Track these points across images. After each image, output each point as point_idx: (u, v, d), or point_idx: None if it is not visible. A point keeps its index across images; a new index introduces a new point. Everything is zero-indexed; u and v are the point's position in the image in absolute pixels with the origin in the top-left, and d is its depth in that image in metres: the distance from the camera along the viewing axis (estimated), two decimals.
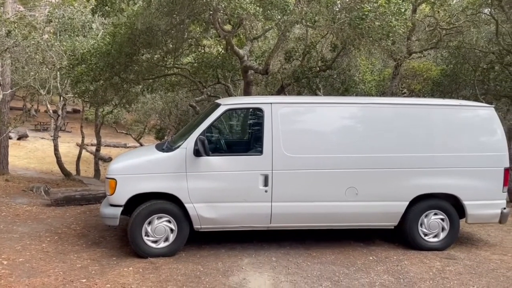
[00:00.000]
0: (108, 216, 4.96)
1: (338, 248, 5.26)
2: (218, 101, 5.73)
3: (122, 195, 4.89)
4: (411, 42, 9.73)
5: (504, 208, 5.41)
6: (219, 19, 7.76)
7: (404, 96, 11.65)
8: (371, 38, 6.57)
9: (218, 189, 4.97)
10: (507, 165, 5.46)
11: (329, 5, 6.10)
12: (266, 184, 5.01)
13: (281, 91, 9.51)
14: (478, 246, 5.57)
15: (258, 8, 6.32)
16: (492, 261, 4.87)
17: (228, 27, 8.85)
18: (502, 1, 8.28)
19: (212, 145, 5.12)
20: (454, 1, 10.41)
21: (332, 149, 5.20)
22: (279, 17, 7.05)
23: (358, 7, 5.97)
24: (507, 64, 9.72)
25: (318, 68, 9.66)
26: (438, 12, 9.09)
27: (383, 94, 11.35)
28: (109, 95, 11.51)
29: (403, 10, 6.00)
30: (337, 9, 6.43)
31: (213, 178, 4.98)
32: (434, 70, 12.14)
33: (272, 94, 10.57)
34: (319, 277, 4.36)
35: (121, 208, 4.89)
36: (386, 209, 5.24)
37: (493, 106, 5.84)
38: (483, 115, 5.63)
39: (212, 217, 4.97)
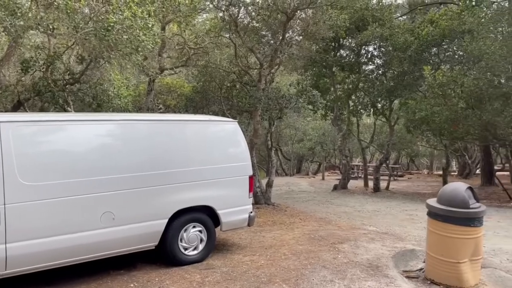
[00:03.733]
0: None
1: (95, 281, 4.69)
2: None
3: None
4: (162, 58, 9.93)
5: (251, 212, 6.01)
6: None
7: (161, 112, 11.80)
8: (121, 52, 6.30)
9: None
10: (251, 173, 6.09)
11: (69, 12, 5.47)
12: None
13: (18, 107, 8.09)
14: (232, 250, 5.98)
15: None
16: (244, 263, 5.27)
17: None
18: (238, 27, 9.40)
19: None
20: (199, 23, 11.27)
21: (83, 172, 4.61)
22: (7, 20, 5.91)
23: (102, 17, 5.58)
24: (245, 83, 11.13)
25: (65, 81, 8.69)
26: (185, 31, 9.56)
27: (140, 109, 11.18)
28: None
29: (150, 25, 5.96)
30: (80, 17, 5.85)
31: None
32: (186, 86, 12.80)
33: (6, 111, 8.88)
34: None
35: None
36: (146, 230, 5.00)
37: (237, 120, 6.45)
38: (229, 129, 6.14)
39: None
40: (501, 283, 4.59)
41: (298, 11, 9.76)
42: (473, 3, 11.24)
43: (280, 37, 9.85)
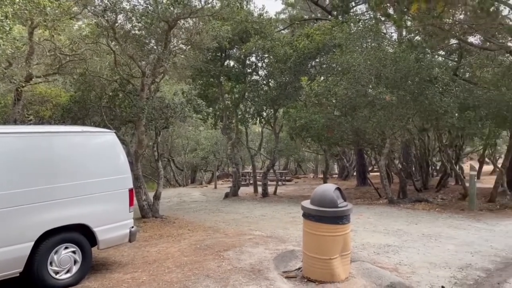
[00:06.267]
0: None
1: None
2: None
3: None
4: (31, 65, 9.03)
5: (132, 227, 5.74)
6: None
7: (31, 124, 10.71)
8: None
9: None
10: (131, 186, 5.83)
11: None
12: None
13: None
14: (112, 269, 5.64)
15: None
16: (124, 282, 4.99)
17: None
18: (116, 34, 9.00)
19: None
20: (75, 28, 10.53)
21: None
22: None
23: None
24: (128, 92, 10.68)
25: None
26: (53, 36, 8.84)
27: (5, 122, 10.00)
28: None
29: (7, 28, 5.37)
30: None
31: None
32: (63, 96, 11.82)
33: None
34: None
35: None
36: (6, 256, 4.45)
37: (114, 131, 6.12)
38: (106, 140, 5.80)
39: None
40: (368, 274, 5.04)
41: (181, 20, 9.71)
42: (341, 19, 12.38)
43: (163, 46, 9.68)
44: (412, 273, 5.27)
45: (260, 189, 16.50)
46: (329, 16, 19.75)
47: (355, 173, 23.37)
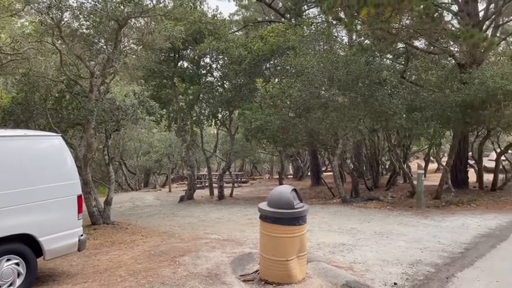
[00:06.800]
0: None
1: None
2: None
3: None
4: None
5: (81, 235, 5.46)
6: None
7: None
8: None
9: None
10: (80, 192, 5.54)
11: None
12: None
13: None
14: (60, 280, 5.33)
15: None
16: None
17: None
18: (63, 33, 8.57)
19: None
20: (17, 26, 9.94)
21: None
22: None
23: None
24: (76, 93, 10.21)
25: None
26: None
27: None
28: None
29: None
30: None
31: None
32: (5, 97, 11.11)
33: None
34: None
35: None
36: None
37: (61, 135, 5.80)
38: (52, 144, 5.49)
39: None
40: (324, 274, 5.09)
41: (132, 20, 9.42)
42: (295, 22, 12.54)
43: (113, 46, 9.33)
44: (366, 270, 5.39)
45: (216, 192, 16.36)
46: (282, 19, 19.99)
47: (309, 173, 23.79)
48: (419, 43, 13.83)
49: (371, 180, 17.59)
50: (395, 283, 4.90)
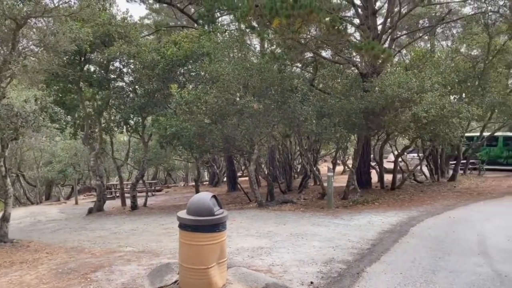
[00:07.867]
0: None
1: None
2: None
3: None
4: None
5: None
6: None
7: None
8: None
9: None
10: None
11: None
12: None
13: None
14: None
15: None
16: None
17: None
18: None
19: None
20: None
21: None
22: None
23: None
24: None
25: None
26: None
27: None
28: None
29: None
30: None
31: None
32: None
33: None
34: None
35: None
36: None
37: None
38: None
39: None
40: (244, 279, 5.13)
41: (32, 19, 8.66)
42: (208, 29, 12.56)
43: (11, 47, 8.49)
44: (284, 272, 5.55)
45: (128, 202, 15.65)
46: (195, 25, 19.90)
47: (225, 179, 23.89)
48: (326, 53, 14.71)
49: (285, 183, 18.20)
50: (311, 282, 5.11)
